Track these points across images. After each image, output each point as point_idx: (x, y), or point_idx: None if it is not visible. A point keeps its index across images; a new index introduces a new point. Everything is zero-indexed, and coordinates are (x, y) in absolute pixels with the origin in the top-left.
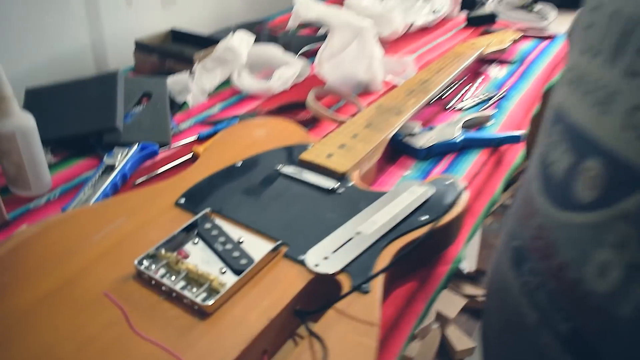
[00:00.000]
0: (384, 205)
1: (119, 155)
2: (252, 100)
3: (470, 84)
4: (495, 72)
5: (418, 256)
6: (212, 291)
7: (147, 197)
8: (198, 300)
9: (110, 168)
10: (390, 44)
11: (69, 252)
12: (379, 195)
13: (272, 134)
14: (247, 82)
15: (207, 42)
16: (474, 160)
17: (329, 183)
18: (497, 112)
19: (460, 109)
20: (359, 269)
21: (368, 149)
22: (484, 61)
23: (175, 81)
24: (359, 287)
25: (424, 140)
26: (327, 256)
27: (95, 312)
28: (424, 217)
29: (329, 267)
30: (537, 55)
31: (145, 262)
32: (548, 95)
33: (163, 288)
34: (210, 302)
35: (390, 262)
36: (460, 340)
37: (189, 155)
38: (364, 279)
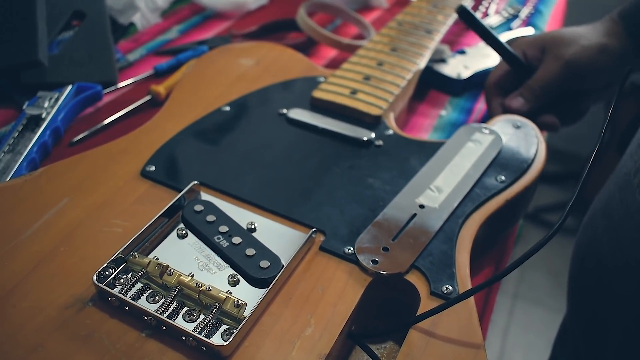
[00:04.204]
0: (445, 163)
1: (47, 102)
2: (219, 20)
3: None
4: None
5: (495, 233)
6: (225, 318)
7: (98, 164)
8: (206, 336)
9: (35, 120)
10: None
11: None
12: (435, 147)
13: (263, 64)
14: None
15: None
16: None
17: (360, 132)
18: (534, 32)
19: None
20: (435, 262)
21: (402, 82)
22: None
23: None
24: (459, 297)
25: (458, 68)
26: (386, 246)
27: None
28: (501, 177)
29: (393, 263)
30: None
31: (110, 275)
32: (572, 6)
33: (145, 318)
34: (226, 341)
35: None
36: None
37: (147, 98)
38: (444, 276)
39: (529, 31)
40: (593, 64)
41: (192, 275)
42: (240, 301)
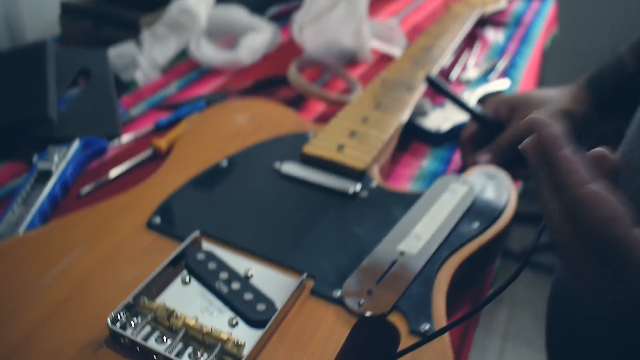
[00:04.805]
0: (424, 212)
1: (56, 156)
2: (215, 76)
3: (468, 51)
4: (493, 36)
5: (471, 276)
6: (226, 357)
7: (107, 216)
8: None
9: (45, 175)
10: (369, 4)
11: (3, 311)
12: (414, 197)
13: (257, 120)
14: (208, 53)
15: (154, 3)
16: None
17: (347, 185)
18: (510, 84)
19: (465, 81)
20: (414, 303)
21: (385, 137)
22: (477, 23)
23: (119, 54)
24: (434, 334)
25: (438, 121)
26: (370, 289)
27: None
28: (475, 225)
29: (377, 305)
30: (533, 16)
31: (122, 319)
32: (548, 55)
33: (155, 357)
34: None
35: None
36: None
37: (149, 152)
38: (422, 316)
39: (506, 82)
40: None
41: (197, 318)
42: (240, 341)
